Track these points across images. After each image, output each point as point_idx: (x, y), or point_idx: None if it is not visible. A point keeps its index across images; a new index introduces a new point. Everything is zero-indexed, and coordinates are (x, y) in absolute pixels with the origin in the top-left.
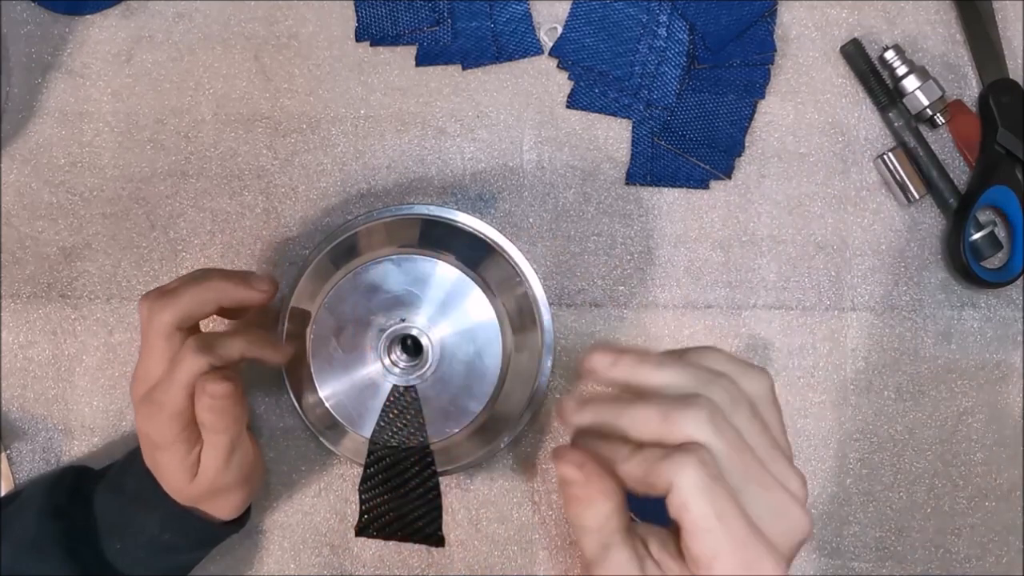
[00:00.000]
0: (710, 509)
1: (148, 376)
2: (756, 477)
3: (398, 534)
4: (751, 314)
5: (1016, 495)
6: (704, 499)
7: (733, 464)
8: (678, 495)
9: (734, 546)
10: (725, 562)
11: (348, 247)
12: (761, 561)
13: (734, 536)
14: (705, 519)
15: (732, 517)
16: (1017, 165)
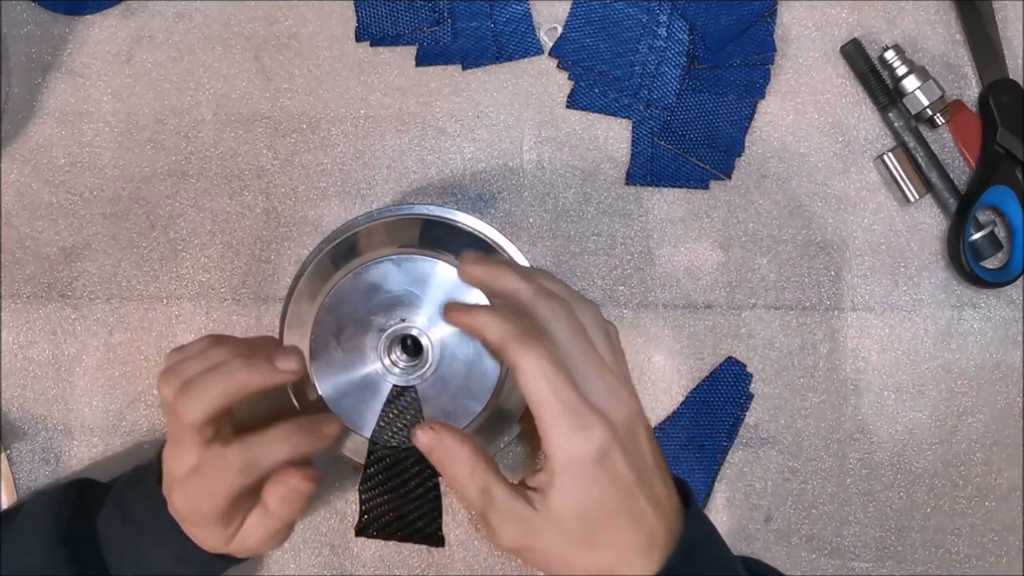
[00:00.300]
0: (547, 385)
1: (182, 461)
2: (591, 364)
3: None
4: (751, 314)
5: (1016, 495)
6: (542, 379)
7: (572, 352)
8: (522, 375)
9: (568, 413)
10: (561, 426)
11: (348, 247)
12: (594, 426)
13: (567, 405)
14: (543, 392)
15: (565, 390)
16: (1017, 165)
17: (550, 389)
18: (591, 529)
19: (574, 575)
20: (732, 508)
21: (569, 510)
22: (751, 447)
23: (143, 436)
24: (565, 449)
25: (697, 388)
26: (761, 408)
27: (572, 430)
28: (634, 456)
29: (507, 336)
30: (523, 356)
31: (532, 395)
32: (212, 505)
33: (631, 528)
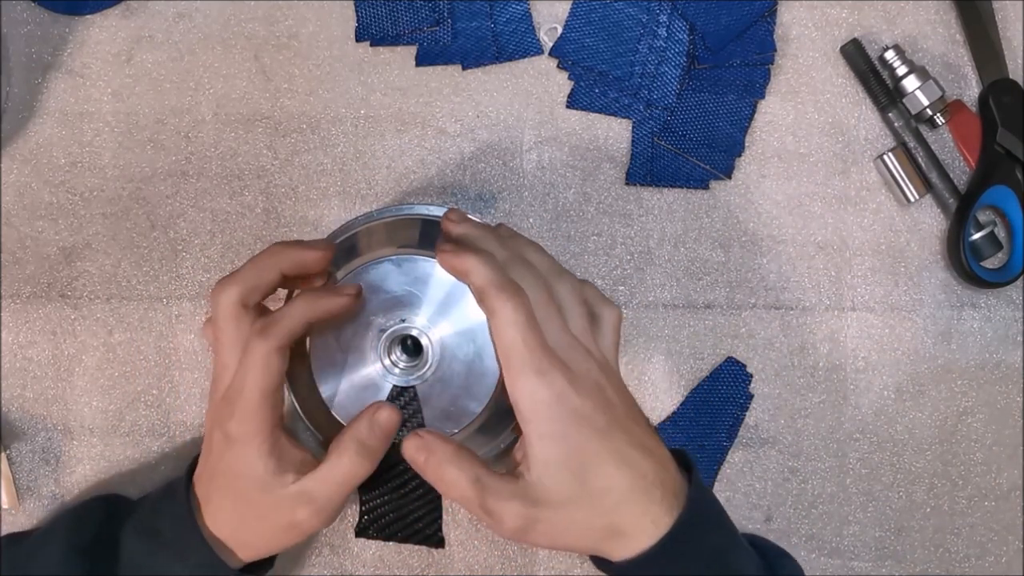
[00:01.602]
0: (518, 335)
1: (225, 369)
2: (554, 324)
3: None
4: (751, 314)
5: (1016, 495)
6: (514, 328)
7: (543, 308)
8: (495, 322)
9: (532, 359)
10: (525, 372)
11: (348, 247)
12: (552, 371)
13: (532, 353)
14: (512, 340)
15: (532, 340)
16: (1017, 165)
17: (520, 338)
18: (580, 476)
19: (584, 538)
20: (732, 508)
21: (551, 460)
22: (751, 447)
23: (143, 436)
24: (528, 395)
25: (697, 388)
26: (761, 408)
27: (534, 374)
28: (600, 403)
29: (489, 283)
30: (501, 304)
31: (502, 341)
32: (251, 400)
33: (620, 471)
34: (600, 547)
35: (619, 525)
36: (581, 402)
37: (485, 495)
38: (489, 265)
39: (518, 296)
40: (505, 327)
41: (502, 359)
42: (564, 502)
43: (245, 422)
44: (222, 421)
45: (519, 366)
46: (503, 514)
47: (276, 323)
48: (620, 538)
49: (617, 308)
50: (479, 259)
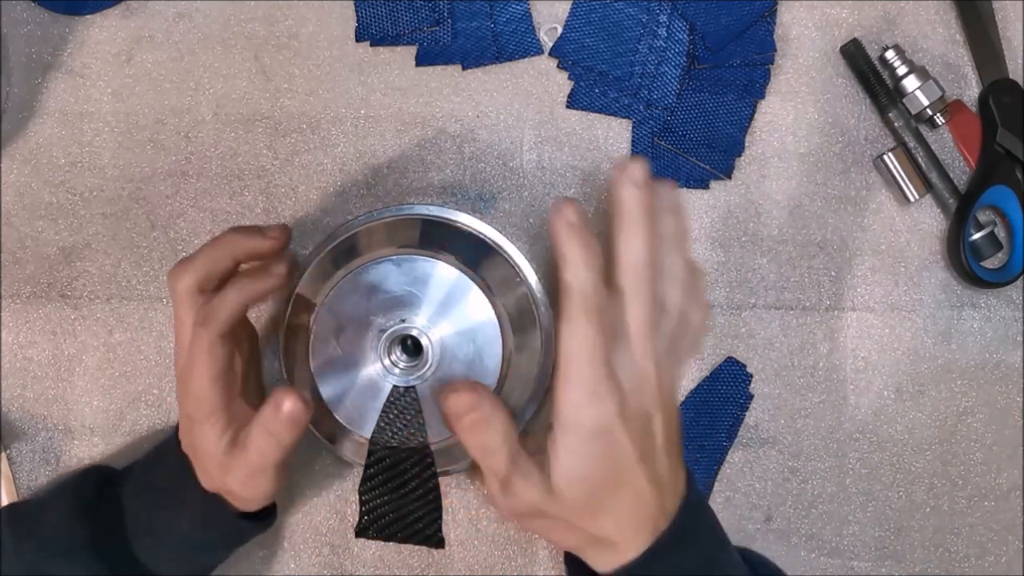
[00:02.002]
0: (582, 350)
1: (183, 348)
2: (636, 346)
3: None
4: (751, 314)
5: (1016, 495)
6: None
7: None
8: (566, 329)
9: (590, 380)
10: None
11: (348, 247)
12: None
13: (593, 372)
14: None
15: (596, 360)
16: (1017, 165)
17: (582, 352)
18: (595, 496)
19: (573, 540)
20: (732, 508)
21: (575, 476)
22: (751, 447)
23: (143, 436)
24: (574, 412)
25: (697, 388)
26: (761, 408)
27: (587, 396)
28: (639, 436)
29: (576, 285)
30: (576, 314)
31: (564, 352)
32: (200, 385)
33: (632, 503)
34: (585, 552)
35: (611, 539)
36: (622, 436)
37: (514, 474)
38: (589, 266)
39: (596, 314)
40: (571, 339)
41: (560, 366)
42: (571, 512)
43: (199, 406)
44: (182, 401)
45: (574, 382)
46: (520, 498)
47: (214, 312)
48: (607, 548)
49: (705, 312)
50: (585, 253)
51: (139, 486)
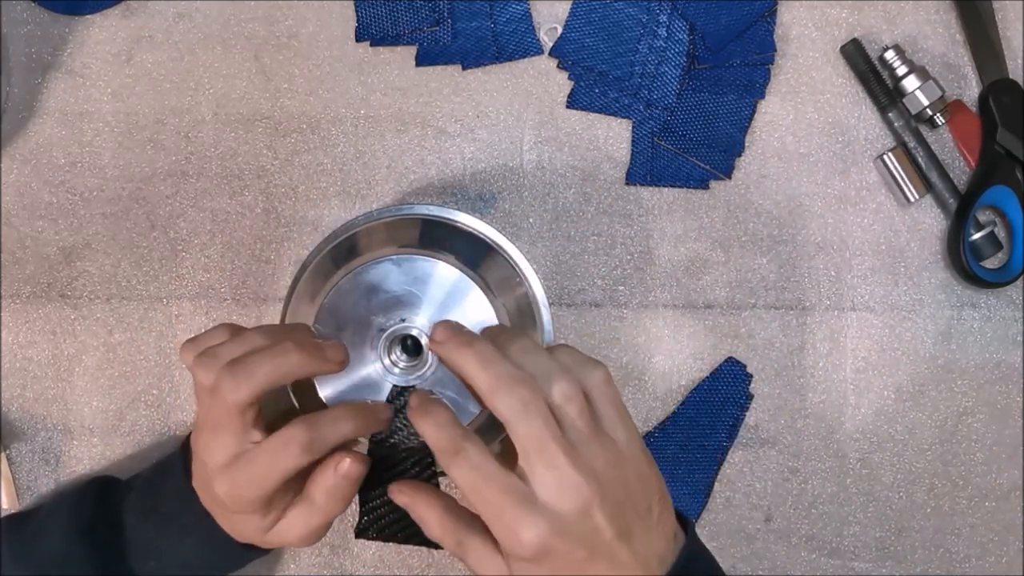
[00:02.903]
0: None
1: (225, 447)
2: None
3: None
4: (751, 314)
5: (1016, 495)
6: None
7: (528, 445)
8: (456, 479)
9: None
10: (497, 528)
11: (348, 247)
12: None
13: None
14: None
15: (495, 496)
16: (1017, 165)
17: (483, 488)
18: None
19: None
20: (732, 508)
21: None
22: (751, 447)
23: (143, 436)
24: (506, 546)
25: (697, 388)
26: (761, 408)
27: (507, 531)
28: (583, 539)
29: (440, 444)
30: (454, 473)
31: (465, 492)
32: (259, 491)
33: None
34: None
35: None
36: (560, 550)
37: (466, 556)
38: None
39: (463, 456)
40: (465, 488)
41: (520, 454)
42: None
43: (241, 505)
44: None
45: (490, 522)
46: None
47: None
48: None
49: (601, 366)
50: (433, 416)
51: (142, 506)
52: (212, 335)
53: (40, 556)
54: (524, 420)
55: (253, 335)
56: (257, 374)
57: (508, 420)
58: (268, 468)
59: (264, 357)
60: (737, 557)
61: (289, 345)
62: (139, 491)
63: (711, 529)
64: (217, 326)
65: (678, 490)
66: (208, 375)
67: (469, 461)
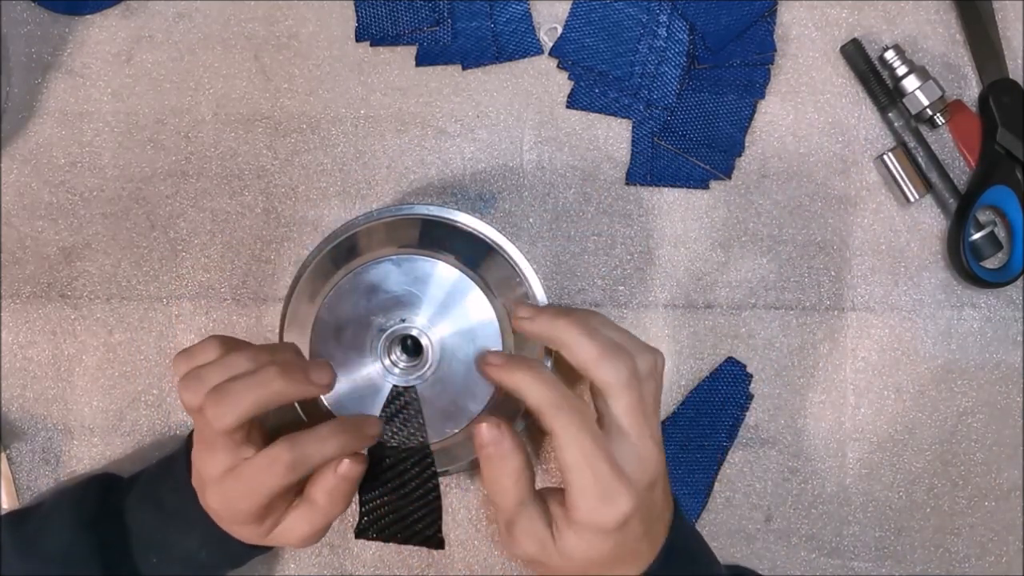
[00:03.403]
0: (581, 456)
1: (216, 463)
2: (633, 432)
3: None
4: (751, 314)
5: (1016, 495)
6: (577, 449)
7: (621, 417)
8: (558, 441)
9: (596, 483)
10: (588, 496)
11: (348, 247)
12: (618, 498)
13: (596, 476)
14: (575, 462)
15: (598, 461)
16: (1017, 165)
17: (584, 460)
18: (600, 568)
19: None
20: (732, 508)
21: (581, 556)
22: (751, 447)
23: (143, 436)
24: (588, 515)
25: (697, 388)
26: (761, 408)
27: (597, 500)
28: (647, 514)
29: (546, 403)
30: (561, 427)
31: (564, 462)
32: (250, 504)
33: (631, 565)
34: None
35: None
36: (634, 523)
37: (518, 522)
38: (542, 382)
39: (579, 415)
40: (567, 448)
41: (563, 475)
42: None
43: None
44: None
45: (581, 490)
46: (522, 544)
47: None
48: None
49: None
50: (531, 376)
51: (146, 501)
52: (203, 349)
53: (43, 552)
54: (628, 390)
55: (239, 358)
56: (241, 403)
57: (613, 386)
58: (256, 485)
59: (248, 384)
60: (737, 557)
61: (273, 371)
62: (143, 487)
63: (711, 529)
64: (208, 339)
65: (678, 490)
66: (194, 398)
67: (584, 421)
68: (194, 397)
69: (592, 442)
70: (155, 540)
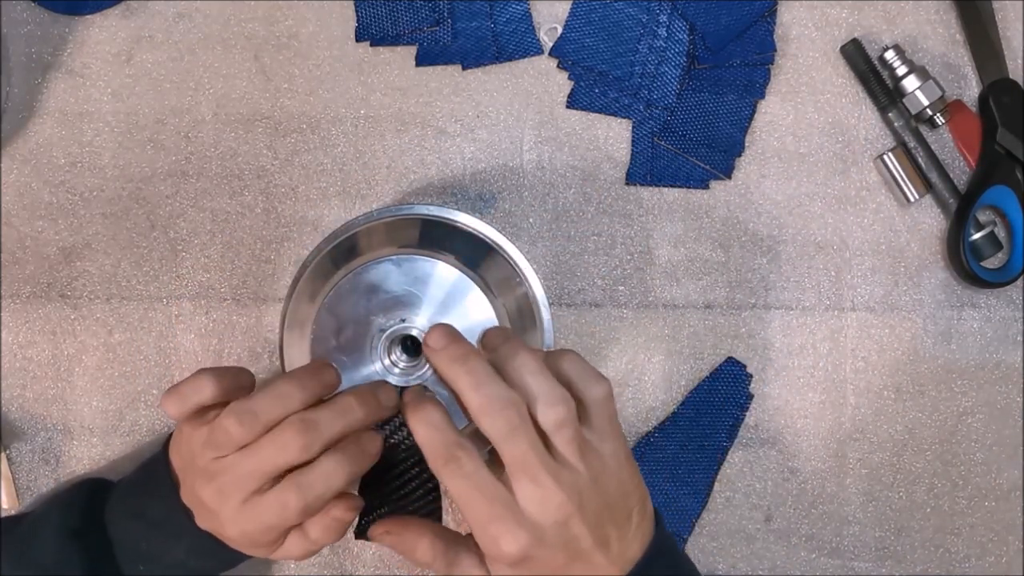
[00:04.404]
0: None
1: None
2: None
3: None
4: (751, 314)
5: (1016, 495)
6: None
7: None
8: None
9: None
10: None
11: (348, 247)
12: (508, 537)
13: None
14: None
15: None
16: (1017, 165)
17: (470, 495)
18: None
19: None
20: (732, 508)
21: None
22: (751, 447)
23: (143, 436)
24: (489, 553)
25: (697, 388)
26: (761, 408)
27: (490, 540)
28: (562, 547)
29: (432, 447)
30: (444, 478)
31: (452, 495)
32: (271, 537)
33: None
34: None
35: None
36: (541, 557)
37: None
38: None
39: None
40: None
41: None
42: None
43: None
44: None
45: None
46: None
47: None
48: None
49: (605, 381)
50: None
51: (128, 511)
52: (196, 388)
53: (33, 559)
54: (511, 442)
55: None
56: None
57: (495, 440)
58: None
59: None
60: (737, 557)
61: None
62: (124, 497)
63: (711, 529)
64: (199, 375)
65: (678, 490)
66: (247, 434)
67: (461, 468)
68: (247, 432)
69: (480, 484)
70: (141, 550)
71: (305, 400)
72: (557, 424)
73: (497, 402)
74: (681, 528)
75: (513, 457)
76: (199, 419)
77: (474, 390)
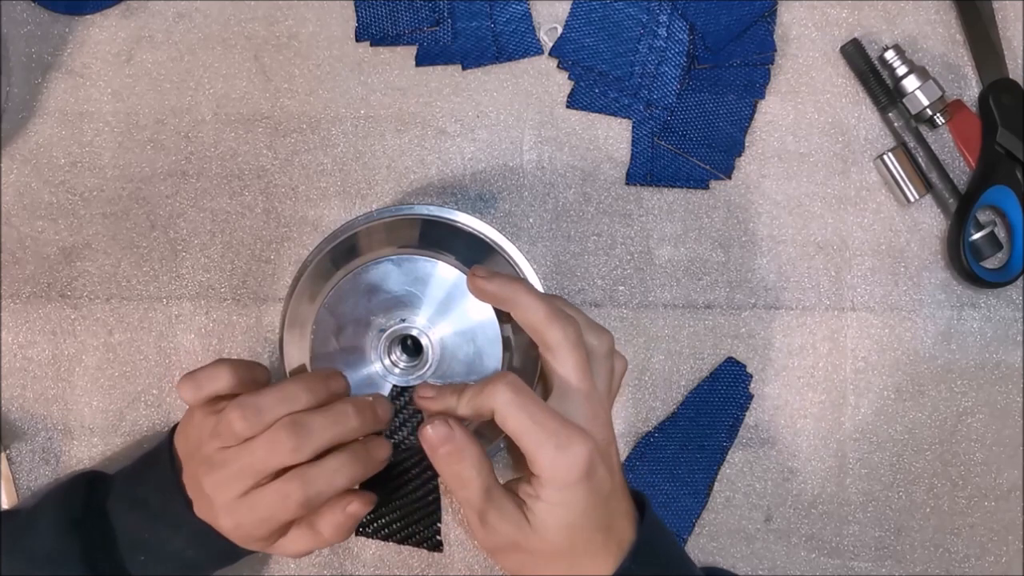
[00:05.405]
0: (524, 414)
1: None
2: (581, 392)
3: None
4: (751, 314)
5: (1016, 495)
6: (516, 408)
7: (569, 377)
8: (499, 415)
9: (548, 435)
10: (544, 449)
11: (348, 247)
12: (575, 444)
13: (546, 429)
14: (520, 423)
15: (542, 416)
16: (1017, 165)
17: (530, 420)
18: (574, 539)
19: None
20: (732, 508)
21: (556, 521)
22: (751, 447)
23: (143, 436)
24: (551, 470)
25: (697, 388)
26: (761, 408)
27: (554, 449)
28: (609, 473)
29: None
30: (496, 392)
31: (514, 431)
32: (265, 531)
33: (605, 538)
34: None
35: (579, 569)
36: (600, 473)
37: (489, 508)
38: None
39: (503, 378)
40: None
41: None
42: (550, 552)
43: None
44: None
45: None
46: (497, 530)
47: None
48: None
49: (624, 359)
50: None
51: (129, 501)
52: (212, 376)
53: (30, 552)
54: (575, 350)
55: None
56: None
57: (561, 345)
58: (268, 517)
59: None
60: (737, 557)
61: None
62: (125, 486)
63: (711, 529)
64: (217, 364)
65: (678, 490)
66: (249, 428)
67: (516, 389)
68: (250, 428)
69: (530, 399)
70: (141, 540)
71: (310, 403)
72: (607, 352)
73: (563, 312)
74: (681, 528)
75: (576, 365)
76: (211, 407)
77: (540, 299)
